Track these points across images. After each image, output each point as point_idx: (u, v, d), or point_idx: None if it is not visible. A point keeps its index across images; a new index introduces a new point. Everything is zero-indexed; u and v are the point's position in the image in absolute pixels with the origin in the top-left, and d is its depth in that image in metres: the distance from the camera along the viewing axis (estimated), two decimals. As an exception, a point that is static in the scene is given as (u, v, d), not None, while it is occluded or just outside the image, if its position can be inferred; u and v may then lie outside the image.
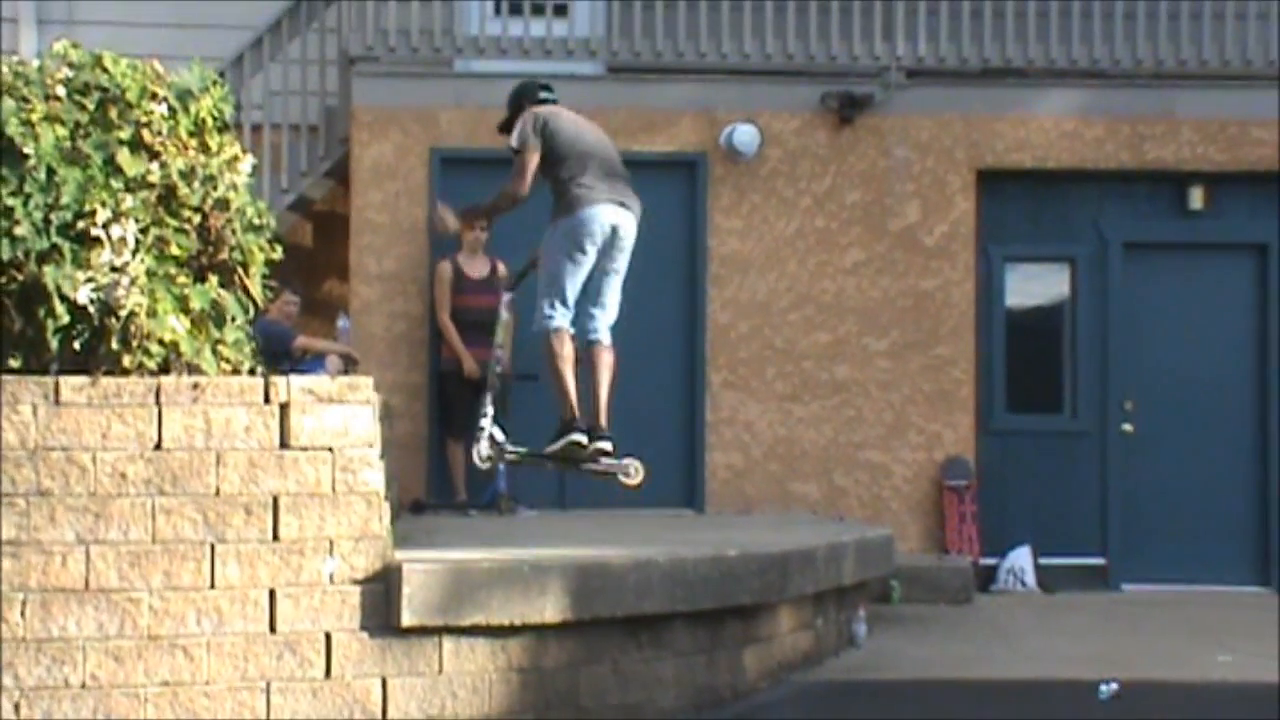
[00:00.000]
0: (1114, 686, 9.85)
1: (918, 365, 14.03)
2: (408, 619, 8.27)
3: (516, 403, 12.75)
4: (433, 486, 13.51)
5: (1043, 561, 14.11)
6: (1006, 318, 14.48)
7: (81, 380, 8.14)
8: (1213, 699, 9.91)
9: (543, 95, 10.63)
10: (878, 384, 14.01)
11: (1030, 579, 14.04)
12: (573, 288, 10.39)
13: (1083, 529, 14.30)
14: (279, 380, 8.38)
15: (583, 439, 10.17)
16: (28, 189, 8.25)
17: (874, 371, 14.01)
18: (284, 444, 8.27)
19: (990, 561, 14.10)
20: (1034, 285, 14.73)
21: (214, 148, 8.84)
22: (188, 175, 8.65)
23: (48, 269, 8.15)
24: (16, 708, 7.95)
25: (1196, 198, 14.39)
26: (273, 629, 8.18)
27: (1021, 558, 14.09)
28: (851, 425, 13.98)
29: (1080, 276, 14.49)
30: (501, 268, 13.23)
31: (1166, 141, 14.26)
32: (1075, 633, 12.05)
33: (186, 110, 8.80)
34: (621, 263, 10.55)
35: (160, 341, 8.33)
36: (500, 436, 10.57)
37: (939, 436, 14.01)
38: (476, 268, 13.23)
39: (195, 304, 8.48)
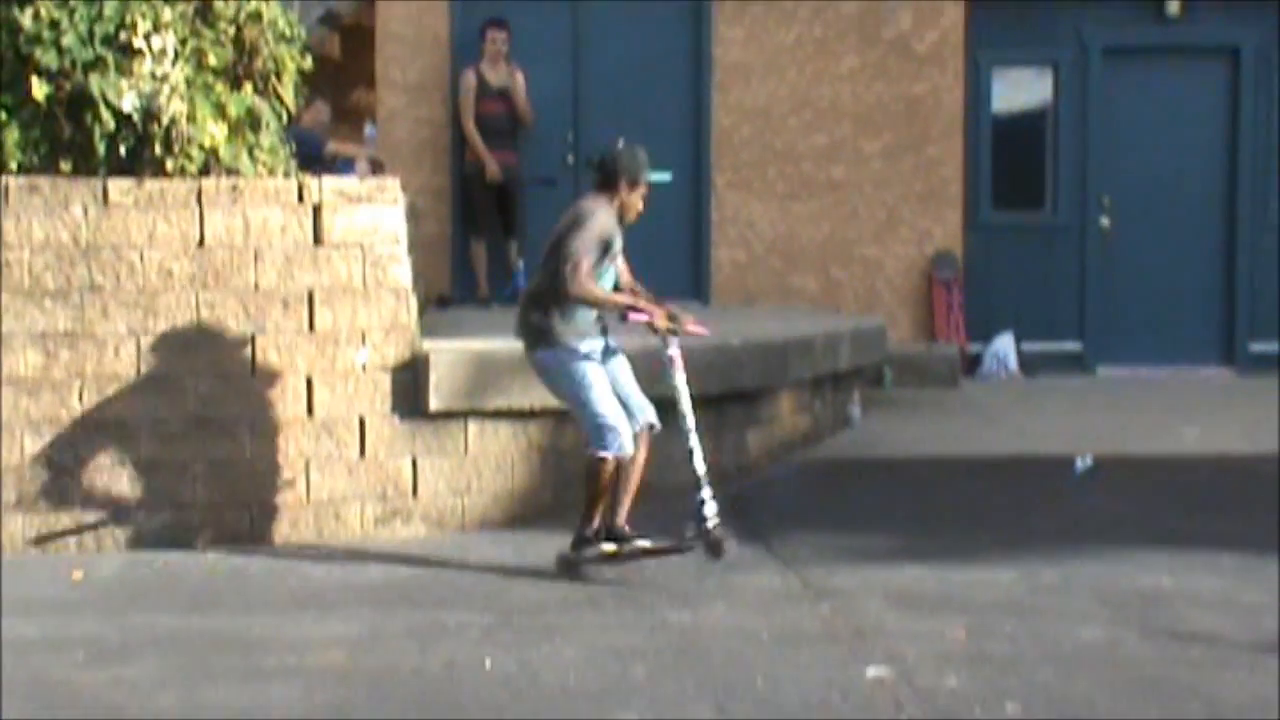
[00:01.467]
0: (1089, 460, 9.92)
1: (909, 166, 13.94)
2: (435, 404, 8.33)
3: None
4: (457, 282, 13.51)
5: (1024, 347, 14.14)
6: (993, 120, 14.36)
7: (128, 183, 8.13)
8: (1180, 468, 9.98)
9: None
10: (872, 183, 13.94)
11: (1013, 364, 14.08)
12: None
13: (1062, 317, 14.31)
14: (312, 182, 8.36)
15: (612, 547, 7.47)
16: (72, 3, 8.17)
17: (868, 172, 13.93)
18: (318, 241, 8.27)
19: (976, 348, 14.13)
20: (1019, 90, 14.58)
21: (247, -38, 8.74)
22: (223, -12, 8.57)
23: (94, 78, 8.10)
24: (79, 483, 8.03)
25: (1173, 5, 14.19)
26: (310, 413, 8.24)
27: (1005, 344, 14.11)
28: (847, 222, 13.93)
29: (1062, 81, 14.35)
30: (520, 77, 13.11)
31: (1145, -49, 14.07)
32: (1054, 412, 12.12)
33: (220, -72, 8.68)
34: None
35: (200, 146, 8.31)
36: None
37: (929, 232, 13.97)
38: (498, 76, 13.11)
39: (232, 111, 8.45)
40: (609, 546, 7.37)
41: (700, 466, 7.25)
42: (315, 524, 8.25)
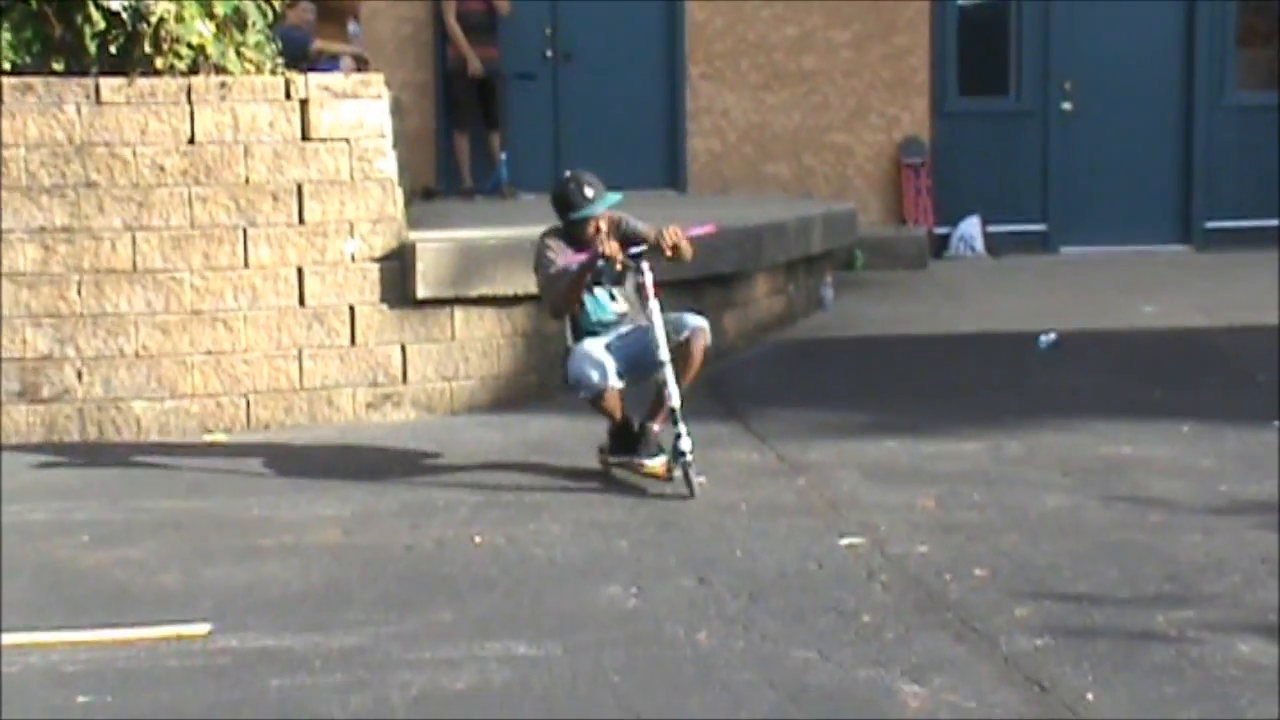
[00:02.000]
0: (1053, 336, 9.94)
1: (877, 55, 13.85)
2: (422, 292, 8.31)
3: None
4: (441, 175, 13.43)
5: (990, 229, 14.12)
6: (958, 10, 14.25)
7: (119, 81, 8.05)
8: (1138, 342, 10.01)
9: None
10: (841, 72, 13.85)
11: (979, 245, 14.07)
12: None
13: (1026, 199, 14.28)
14: (298, 79, 8.29)
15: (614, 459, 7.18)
16: (59, -94, 8.06)
17: (838, 61, 13.84)
18: (305, 136, 8.21)
19: (943, 231, 14.10)
20: (983, -21, 14.49)
21: None
22: (208, -110, 8.45)
23: (82, -22, 8.00)
24: (79, 375, 8.02)
25: (1132, -107, 14.10)
26: (302, 303, 8.22)
27: (971, 226, 14.09)
28: (818, 111, 13.86)
29: (1025, -31, 14.26)
30: (501, -28, 12.99)
31: None
32: (1019, 291, 12.13)
33: None
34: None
35: (189, 45, 8.23)
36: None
37: (897, 119, 13.91)
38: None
39: (219, 9, 8.36)
40: (612, 458, 7.08)
41: (675, 400, 6.68)
42: (309, 410, 8.25)
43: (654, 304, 6.78)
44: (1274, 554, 5.76)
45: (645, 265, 6.81)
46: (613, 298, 7.02)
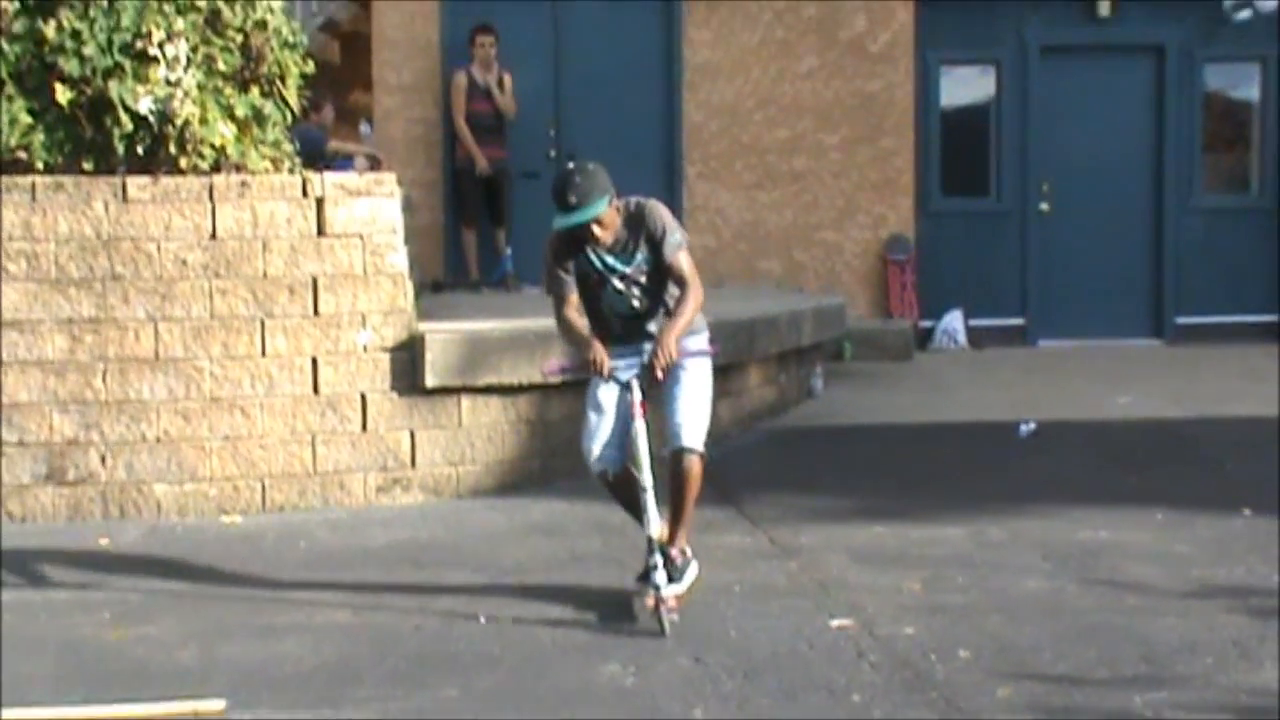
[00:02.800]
0: (1032, 425, 9.94)
1: (865, 157, 13.94)
2: (431, 381, 8.32)
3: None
4: (449, 269, 13.48)
5: (972, 323, 14.16)
6: (941, 114, 14.37)
7: (145, 180, 8.09)
8: (1113, 432, 10.01)
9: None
10: (830, 173, 13.93)
11: (962, 338, 14.10)
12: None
13: (1006, 294, 14.34)
14: (315, 177, 8.34)
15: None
16: (92, 14, 8.14)
17: (827, 163, 13.93)
18: (321, 232, 8.25)
19: (928, 324, 14.15)
20: (965, 86, 14.58)
21: (252, -25, 8.69)
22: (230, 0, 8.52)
23: (112, 83, 8.06)
24: (103, 458, 8.02)
25: (1104, 6, 14.21)
26: (316, 391, 8.23)
27: (954, 320, 14.13)
28: (808, 209, 13.93)
29: (1004, 77, 14.35)
30: (508, 78, 13.07)
31: (1079, -42, 14.08)
32: (999, 382, 12.14)
33: (226, -57, 8.64)
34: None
35: (211, 145, 8.27)
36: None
37: (883, 218, 13.97)
38: (488, 77, 13.06)
39: (240, 111, 8.41)
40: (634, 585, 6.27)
41: (653, 529, 5.93)
42: (322, 493, 8.25)
43: (639, 425, 5.97)
44: (1244, 637, 5.74)
45: (634, 382, 6.03)
46: (627, 291, 6.13)
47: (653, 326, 6.18)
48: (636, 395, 6.04)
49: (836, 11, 13.86)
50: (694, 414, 6.13)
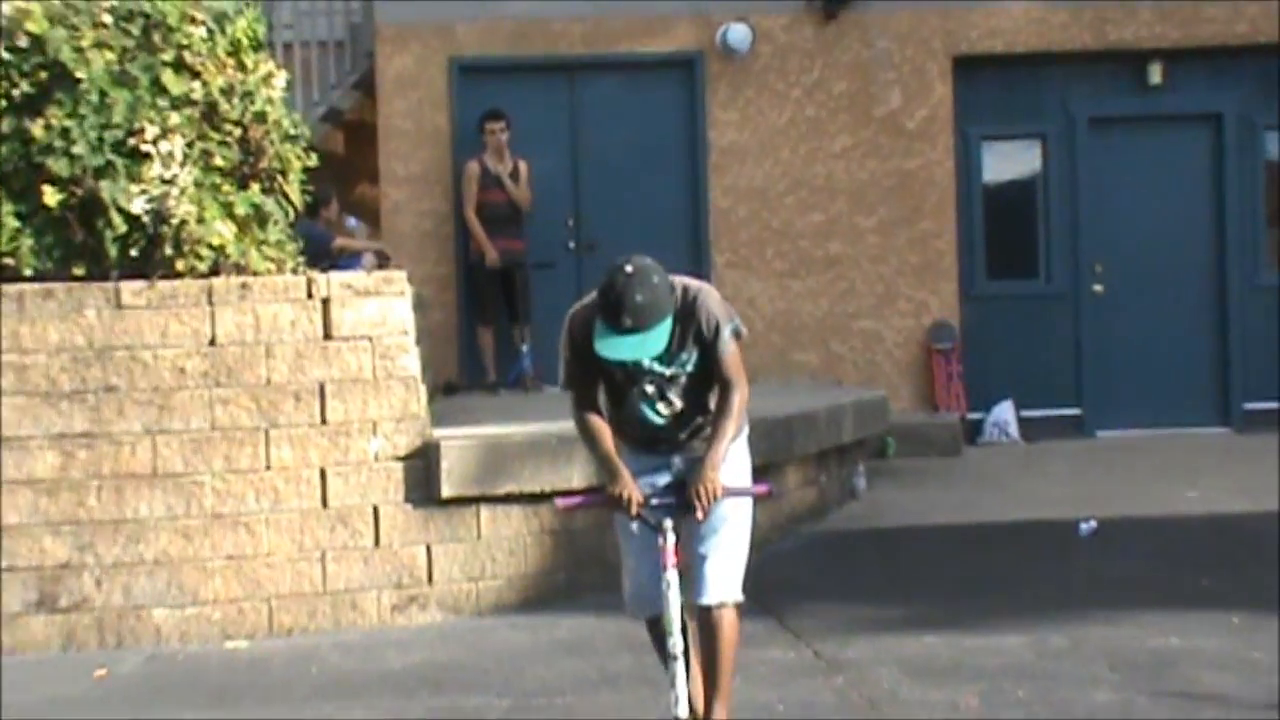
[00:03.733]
0: (1093, 524, 9.88)
1: (904, 239, 13.97)
2: (447, 490, 8.31)
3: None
4: (464, 369, 13.51)
5: (1024, 414, 14.11)
6: (984, 192, 14.40)
7: (140, 284, 8.14)
8: (1182, 529, 9.94)
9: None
10: (868, 258, 13.96)
11: (1013, 430, 14.05)
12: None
13: (1059, 382, 14.29)
14: (320, 277, 8.38)
15: None
16: (82, 111, 8.21)
17: (864, 247, 13.96)
18: (327, 335, 8.27)
19: (976, 416, 14.10)
20: (1008, 161, 14.62)
21: (250, 66, 8.79)
22: (227, 92, 8.61)
23: (104, 183, 8.13)
24: (98, 583, 8.01)
25: (1156, 73, 14.26)
26: (325, 504, 8.22)
27: (1004, 411, 14.09)
28: (845, 297, 13.95)
29: (1050, 151, 14.39)
30: (523, 166, 13.17)
31: (1126, 23, 14.11)
32: (1056, 477, 12.08)
33: (223, 32, 8.75)
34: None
35: (209, 245, 8.32)
36: None
37: (925, 304, 13.98)
38: (501, 166, 13.15)
39: (239, 209, 8.48)
40: None
41: (682, 709, 5.26)
42: (333, 614, 8.22)
43: (671, 575, 5.31)
44: (1333, 749, 5.67)
45: (668, 524, 5.36)
46: (661, 397, 5.52)
47: (685, 434, 5.57)
48: (670, 540, 5.34)
49: (869, 86, 13.95)
50: (731, 561, 5.52)
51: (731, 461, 5.51)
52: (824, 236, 13.94)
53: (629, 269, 5.18)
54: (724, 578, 5.50)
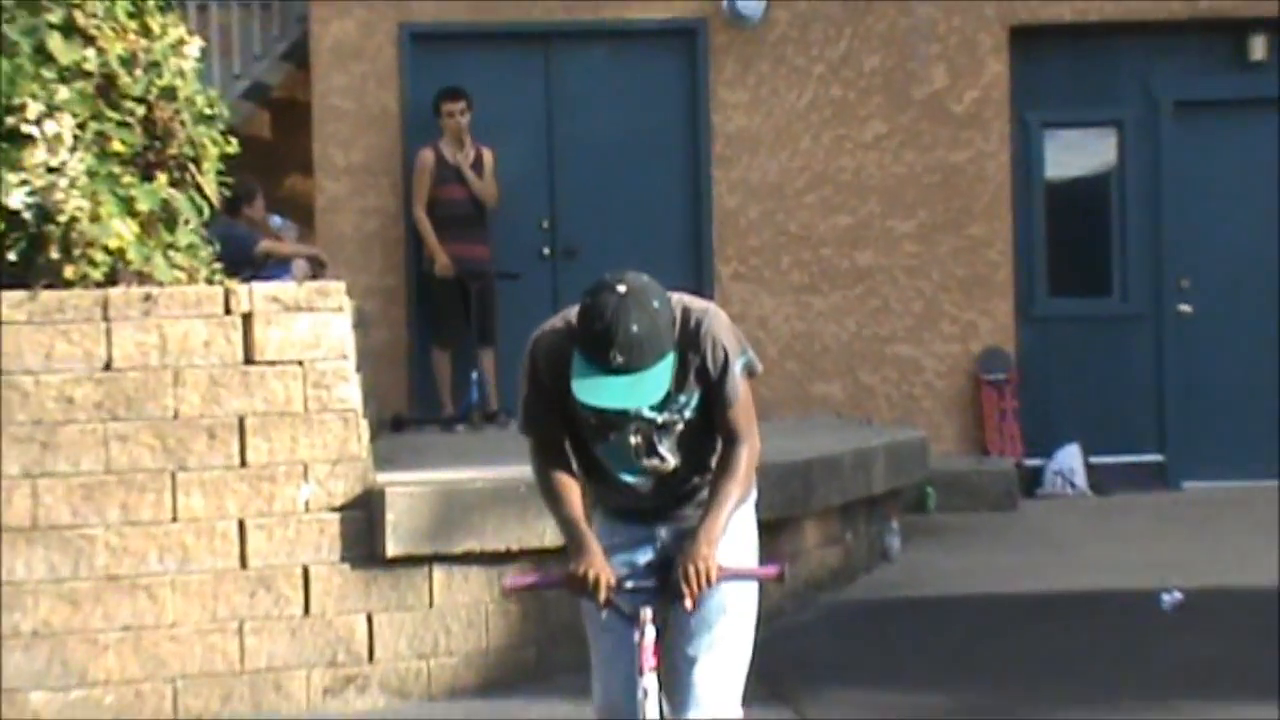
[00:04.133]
0: (1177, 595, 9.87)
1: (949, 248, 13.99)
2: (393, 548, 8.29)
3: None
4: (416, 400, 13.52)
5: (1093, 460, 14.12)
6: (1046, 191, 14.44)
7: (20, 295, 8.11)
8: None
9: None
10: (905, 270, 13.98)
11: (1080, 480, 14.06)
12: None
13: (1137, 423, 14.31)
14: (240, 289, 8.36)
15: None
16: (-50, 84, 8.21)
17: (900, 256, 13.98)
18: (248, 359, 8.26)
19: (1035, 463, 14.11)
20: (1076, 154, 14.68)
21: (156, 30, 8.79)
22: (128, 62, 8.60)
23: (-24, 172, 8.12)
24: (-36, 660, 7.98)
25: (1259, 47, 14.27)
26: (244, 564, 8.20)
27: (1070, 457, 14.10)
28: (877, 317, 13.97)
29: (1128, 142, 14.43)
30: (488, 155, 13.17)
31: (1221, -13, 14.21)
32: (1132, 537, 12.09)
33: (124, -12, 8.75)
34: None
35: (105, 249, 8.30)
36: None
37: (974, 326, 14.00)
38: (461, 155, 13.15)
39: (143, 205, 8.46)
40: None
41: None
42: (252, 696, 8.19)
43: (649, 681, 4.95)
44: None
45: (647, 614, 4.99)
46: (650, 451, 5.13)
47: (677, 499, 5.23)
48: (649, 636, 4.97)
49: (907, 62, 13.98)
50: (727, 666, 5.18)
51: (733, 535, 5.11)
52: (852, 244, 13.96)
53: (621, 288, 4.74)
54: (717, 688, 5.15)
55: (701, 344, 5.00)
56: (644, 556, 5.22)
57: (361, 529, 8.32)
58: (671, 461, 5.10)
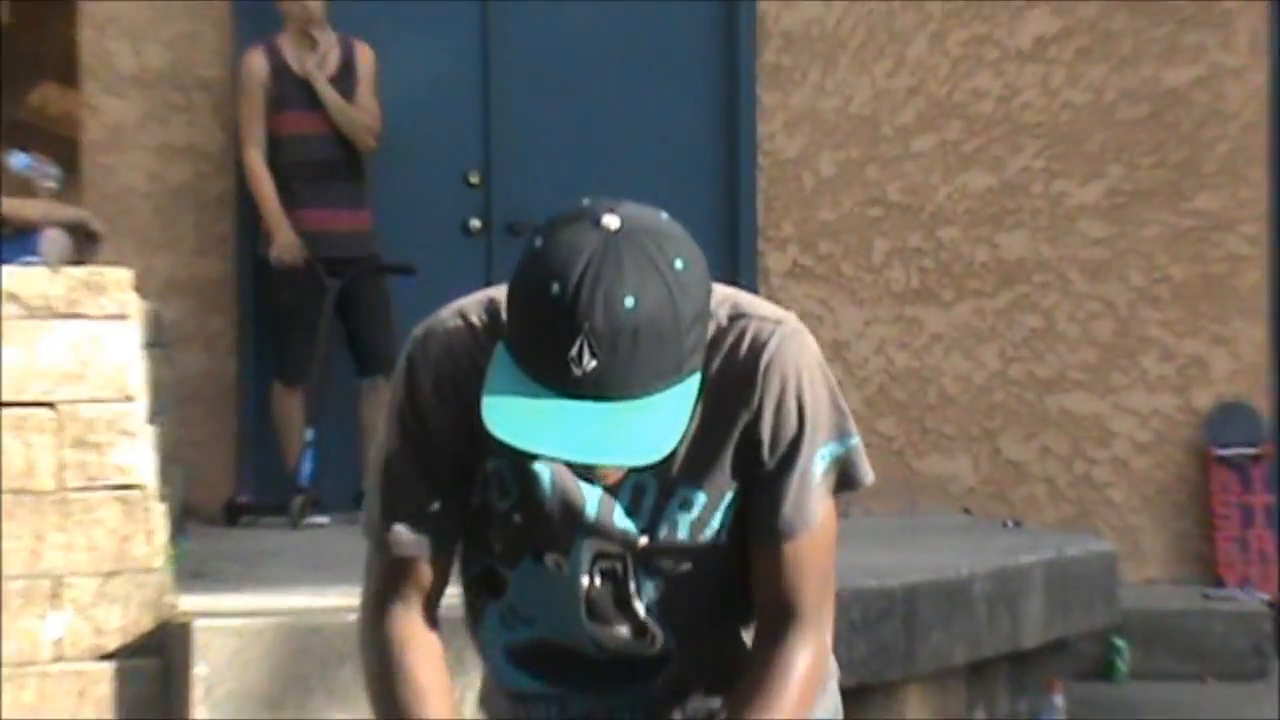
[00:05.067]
0: None
1: (1158, 229, 14.04)
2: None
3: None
4: (249, 473, 13.50)
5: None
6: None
7: None
8: None
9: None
10: (1082, 266, 14.02)
11: (1374, 631, 14.15)
12: None
13: None
14: (-44, 276, 8.43)
15: None
16: None
17: (1077, 242, 14.02)
18: (-34, 394, 8.32)
19: (1302, 600, 14.20)
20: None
21: None
22: None
23: None
24: None
25: None
26: (-49, 746, 8.26)
27: (1359, 593, 14.20)
28: (1034, 346, 14.01)
29: None
30: (363, 58, 13.01)
31: None
32: None
33: None
34: None
35: None
36: None
37: (1202, 363, 14.06)
38: (313, 59, 13.04)
39: None
40: None
41: None
42: None
43: None
44: None
45: None
46: (619, 602, 4.38)
47: (670, 689, 4.50)
48: None
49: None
50: None
51: None
52: (992, 219, 13.99)
53: (612, 222, 4.08)
54: None
55: (759, 389, 4.26)
56: None
57: (153, 690, 8.37)
58: (656, 636, 4.42)
